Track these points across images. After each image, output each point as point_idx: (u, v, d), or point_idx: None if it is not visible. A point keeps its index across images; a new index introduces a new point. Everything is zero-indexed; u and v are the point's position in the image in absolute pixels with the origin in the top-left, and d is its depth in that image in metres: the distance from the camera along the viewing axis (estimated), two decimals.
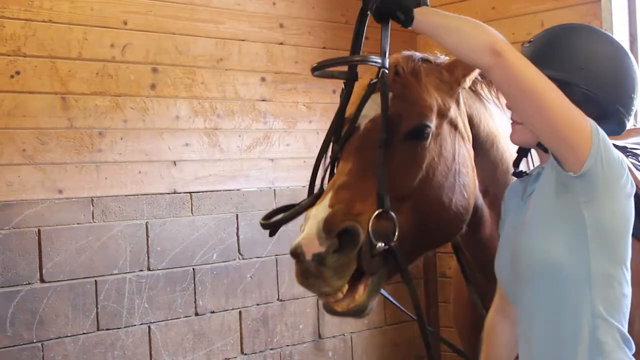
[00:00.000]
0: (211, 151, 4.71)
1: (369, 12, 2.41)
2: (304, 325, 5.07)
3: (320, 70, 2.52)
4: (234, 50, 4.85)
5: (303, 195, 5.17)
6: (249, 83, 4.91)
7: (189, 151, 4.62)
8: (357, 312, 2.32)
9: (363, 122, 2.48)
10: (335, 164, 2.51)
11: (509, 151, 2.69)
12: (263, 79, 4.98)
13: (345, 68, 2.53)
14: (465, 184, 2.55)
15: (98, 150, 4.26)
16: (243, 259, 4.81)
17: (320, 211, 2.30)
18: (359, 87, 2.57)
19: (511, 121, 2.35)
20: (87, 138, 4.22)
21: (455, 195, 2.51)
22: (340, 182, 2.37)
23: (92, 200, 4.22)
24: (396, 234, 2.29)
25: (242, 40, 4.89)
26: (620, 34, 4.89)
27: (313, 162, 2.55)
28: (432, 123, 2.49)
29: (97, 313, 4.20)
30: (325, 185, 2.48)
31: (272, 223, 2.57)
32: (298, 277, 2.29)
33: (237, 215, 4.79)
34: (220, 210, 4.72)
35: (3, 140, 3.95)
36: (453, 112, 2.57)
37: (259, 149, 4.93)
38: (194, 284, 4.58)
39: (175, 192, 4.54)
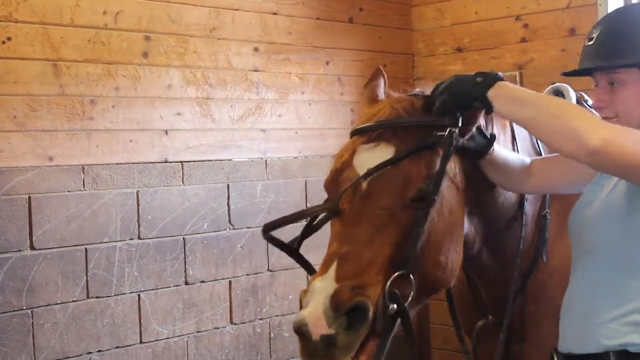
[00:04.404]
0: (203, 121, 4.70)
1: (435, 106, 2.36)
2: (294, 296, 5.08)
3: (273, 230, 2.42)
4: (227, 20, 4.82)
5: (294, 166, 5.18)
6: (241, 53, 4.89)
7: (181, 120, 4.60)
8: None
9: (363, 181, 2.33)
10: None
11: None
12: (256, 49, 4.96)
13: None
14: (458, 238, 2.44)
15: (89, 118, 4.24)
16: (233, 229, 4.81)
17: (326, 286, 2.17)
18: (348, 141, 2.48)
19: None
20: (78, 105, 4.20)
21: (450, 253, 2.40)
22: (344, 251, 2.24)
23: (83, 168, 4.21)
24: (412, 294, 2.23)
25: (236, 9, 4.86)
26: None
27: (305, 133, 2.51)
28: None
29: (87, 281, 4.20)
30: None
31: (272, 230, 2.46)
32: (303, 356, 2.19)
33: (228, 185, 4.78)
34: (211, 180, 4.71)
35: None
36: (452, 163, 2.41)
37: (250, 119, 4.92)
38: (184, 253, 4.58)
39: (166, 161, 4.53)
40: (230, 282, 4.80)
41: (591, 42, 2.40)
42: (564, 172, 2.53)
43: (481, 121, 2.52)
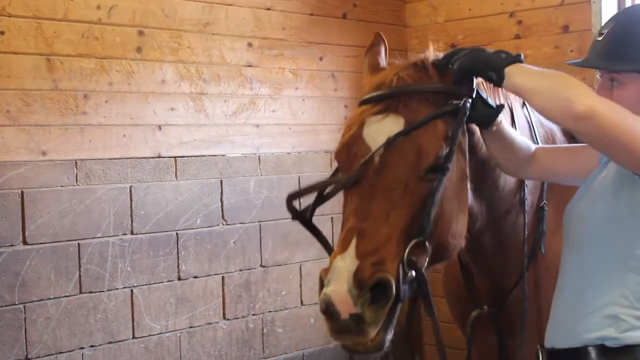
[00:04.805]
0: (196, 116, 4.69)
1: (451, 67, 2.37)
2: (287, 291, 5.08)
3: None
4: (221, 15, 4.81)
5: (288, 162, 5.17)
6: (235, 48, 4.88)
7: (174, 115, 4.60)
8: (376, 349, 2.27)
9: (376, 154, 2.32)
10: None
11: None
12: (250, 45, 4.95)
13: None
14: (465, 204, 2.45)
15: (83, 113, 4.23)
16: (227, 224, 4.81)
17: (347, 264, 2.20)
18: (356, 111, 2.46)
19: None
20: (71, 100, 4.20)
21: (459, 217, 2.41)
22: (362, 227, 2.25)
23: (76, 163, 4.20)
24: (426, 261, 2.28)
25: (229, 4, 4.85)
26: (609, 7, 4.87)
27: (298, 128, 2.50)
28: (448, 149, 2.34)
29: (79, 276, 4.20)
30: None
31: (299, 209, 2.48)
32: (333, 334, 2.25)
33: (221, 181, 4.78)
34: (204, 176, 4.71)
35: None
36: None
37: (244, 115, 4.92)
38: (177, 249, 4.58)
39: (159, 157, 4.53)
40: (223, 277, 4.80)
41: (601, 38, 2.43)
42: (567, 163, 2.56)
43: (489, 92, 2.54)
